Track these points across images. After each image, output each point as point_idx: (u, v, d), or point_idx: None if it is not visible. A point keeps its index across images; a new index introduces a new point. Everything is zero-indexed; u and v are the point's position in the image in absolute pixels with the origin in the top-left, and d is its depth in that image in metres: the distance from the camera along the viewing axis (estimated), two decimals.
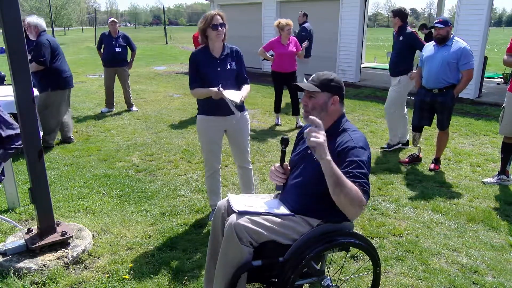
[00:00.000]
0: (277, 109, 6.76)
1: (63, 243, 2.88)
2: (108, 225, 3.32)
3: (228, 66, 3.13)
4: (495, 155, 5.10)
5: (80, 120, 6.84)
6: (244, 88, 3.19)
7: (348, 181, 1.80)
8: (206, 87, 3.02)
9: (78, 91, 9.49)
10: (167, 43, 29.35)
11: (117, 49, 7.22)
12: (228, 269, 1.94)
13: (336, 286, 2.09)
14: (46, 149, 5.16)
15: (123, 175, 4.43)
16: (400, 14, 5.00)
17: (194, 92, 3.12)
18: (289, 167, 2.27)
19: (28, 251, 2.78)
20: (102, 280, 2.61)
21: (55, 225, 2.92)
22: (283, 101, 8.14)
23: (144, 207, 3.68)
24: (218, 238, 2.14)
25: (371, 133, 6.16)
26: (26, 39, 2.81)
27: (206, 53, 3.11)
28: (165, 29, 33.11)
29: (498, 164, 4.58)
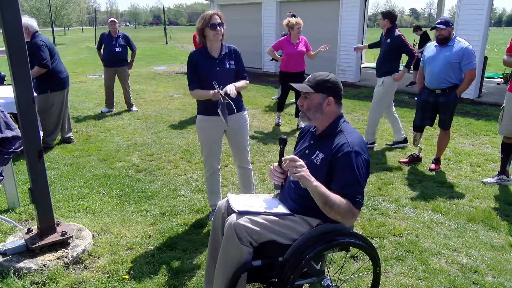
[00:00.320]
0: (280, 108, 6.71)
1: (63, 243, 2.88)
2: (108, 225, 3.32)
3: (227, 66, 3.11)
4: (495, 155, 5.10)
5: (80, 120, 6.84)
6: (239, 82, 3.13)
7: (337, 199, 1.86)
8: (206, 88, 3.01)
9: (78, 91, 9.50)
10: (167, 43, 29.37)
11: (117, 49, 7.21)
12: (228, 269, 1.94)
13: (336, 286, 2.09)
14: (46, 149, 5.15)
15: (123, 175, 4.43)
16: (390, 16, 5.04)
17: (194, 93, 3.12)
18: None
19: (28, 251, 2.78)
20: (102, 280, 2.61)
21: (55, 225, 2.92)
22: (288, 102, 8.15)
23: (144, 207, 3.68)
24: (218, 238, 2.14)
25: None
26: None
27: (205, 53, 3.10)
28: (165, 29, 33.14)
29: (498, 164, 4.58)
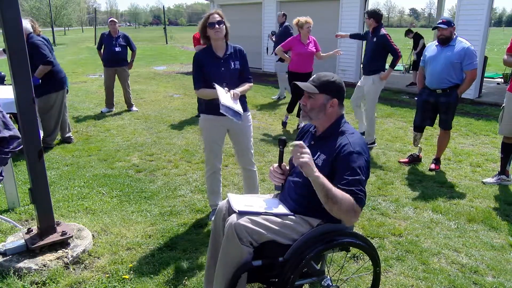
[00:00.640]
0: (290, 110, 6.43)
1: (63, 243, 2.88)
2: (108, 225, 3.32)
3: (232, 66, 3.12)
4: (495, 155, 5.10)
5: (80, 120, 6.84)
6: (242, 85, 3.16)
7: (339, 193, 1.82)
8: (211, 87, 3.02)
9: (78, 91, 9.50)
10: (167, 43, 29.37)
11: (117, 49, 7.21)
12: (228, 269, 1.94)
13: (336, 286, 2.09)
14: (46, 149, 5.15)
15: (123, 175, 4.43)
16: (375, 16, 5.14)
17: (199, 92, 3.14)
18: (289, 167, 2.27)
19: (28, 251, 2.78)
20: (102, 280, 2.61)
21: (55, 225, 2.92)
22: (285, 101, 8.13)
23: (144, 207, 3.68)
24: (219, 238, 2.13)
25: None
26: None
27: (210, 53, 3.11)
28: (165, 29, 33.15)
29: (498, 164, 4.58)
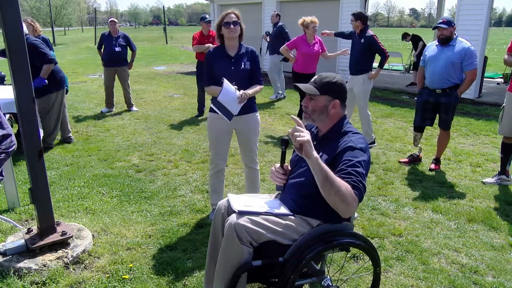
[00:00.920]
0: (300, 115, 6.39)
1: (63, 243, 2.88)
2: (108, 225, 3.32)
3: (242, 66, 3.14)
4: (495, 155, 5.11)
5: (80, 120, 6.84)
6: (252, 87, 3.18)
7: (337, 178, 1.78)
8: (220, 85, 3.07)
9: (78, 91, 9.50)
10: (167, 43, 29.36)
11: (117, 49, 7.21)
12: (228, 269, 1.94)
13: (336, 286, 2.09)
14: (46, 149, 5.15)
15: (123, 175, 4.43)
16: (362, 18, 5.27)
17: (208, 89, 3.20)
18: (290, 167, 2.27)
19: (28, 251, 2.78)
20: (102, 280, 2.61)
21: (55, 225, 2.92)
22: (287, 102, 8.13)
23: (144, 207, 3.68)
24: (218, 238, 2.13)
25: None
26: None
27: (222, 52, 3.16)
28: (165, 29, 33.15)
29: (498, 164, 4.58)
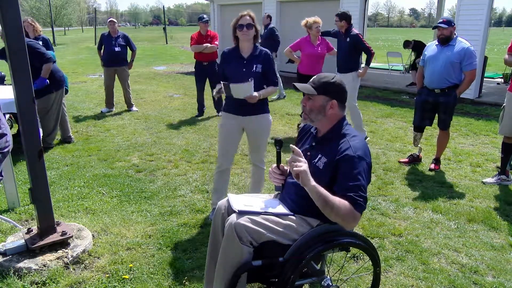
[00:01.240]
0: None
1: (63, 243, 2.88)
2: (108, 225, 3.32)
3: (254, 68, 3.14)
4: (495, 155, 5.10)
5: (80, 120, 6.84)
6: (265, 89, 3.18)
7: (336, 200, 1.83)
8: None
9: (78, 91, 9.49)
10: (167, 43, 29.36)
11: (117, 49, 7.21)
12: (228, 269, 1.94)
13: (336, 286, 2.09)
14: (46, 149, 5.15)
15: (123, 175, 4.43)
16: (346, 18, 5.45)
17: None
18: (288, 168, 2.27)
19: (28, 251, 2.78)
20: (102, 280, 2.61)
21: (55, 225, 2.92)
22: (287, 102, 8.13)
23: (144, 207, 3.68)
24: (218, 238, 2.14)
25: (371, 133, 6.16)
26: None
27: (235, 53, 3.18)
28: (165, 29, 33.14)
29: (498, 164, 4.58)
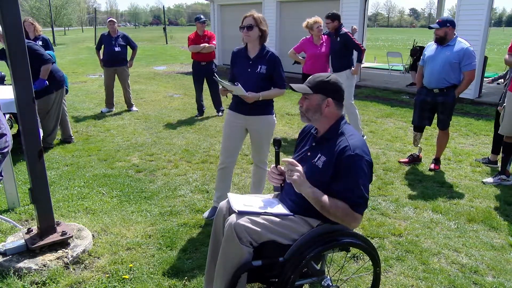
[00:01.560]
0: None
1: (63, 243, 2.88)
2: (108, 225, 3.32)
3: (258, 69, 3.14)
4: (497, 158, 5.09)
5: (80, 120, 6.84)
6: (269, 90, 3.17)
7: (333, 204, 1.89)
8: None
9: (78, 91, 9.50)
10: (167, 43, 29.36)
11: (117, 49, 7.21)
12: (228, 269, 1.95)
13: (336, 286, 2.09)
14: (46, 149, 5.15)
15: (123, 175, 4.43)
16: (338, 17, 5.58)
17: None
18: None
19: (28, 251, 2.78)
20: (102, 280, 2.61)
21: (55, 225, 2.92)
22: (286, 101, 8.12)
23: (144, 207, 3.68)
24: (219, 238, 2.13)
25: (371, 133, 6.16)
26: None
27: (243, 53, 3.22)
28: (165, 29, 33.12)
29: (498, 164, 4.58)
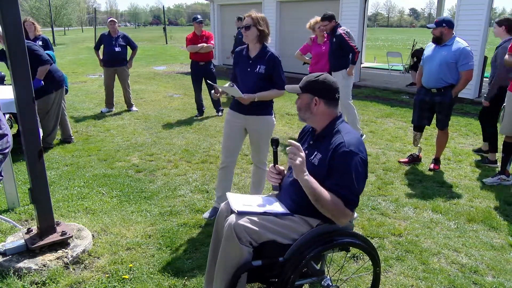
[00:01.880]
0: None
1: (63, 243, 2.88)
2: (108, 225, 3.32)
3: (257, 69, 3.15)
4: (496, 157, 5.09)
5: (80, 120, 6.83)
6: (266, 91, 3.16)
7: (327, 196, 1.88)
8: (237, 83, 3.23)
9: (78, 91, 9.49)
10: (167, 43, 29.36)
11: (117, 49, 7.20)
12: (228, 269, 1.95)
13: (336, 286, 2.09)
14: (46, 149, 5.15)
15: (123, 175, 4.43)
16: (333, 17, 5.59)
17: None
18: (287, 167, 2.28)
19: (28, 251, 2.78)
20: (102, 280, 2.61)
21: (55, 225, 2.92)
22: (287, 101, 8.11)
23: (144, 207, 3.68)
24: (220, 239, 2.13)
25: (371, 133, 6.16)
26: None
27: (244, 53, 3.24)
28: (165, 29, 33.11)
29: (498, 164, 4.58)
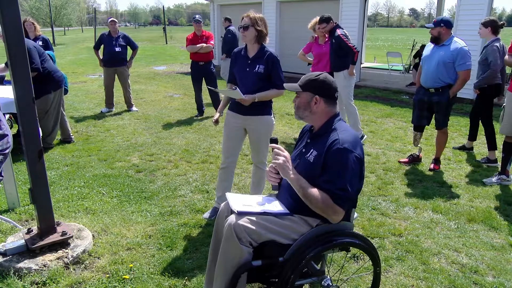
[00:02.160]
0: None
1: (63, 243, 2.88)
2: (108, 225, 3.32)
3: (255, 69, 3.15)
4: (495, 155, 5.10)
5: (80, 120, 6.84)
6: (266, 91, 3.15)
7: (315, 193, 1.91)
8: (237, 83, 3.26)
9: (78, 91, 9.49)
10: (167, 43, 29.36)
11: (117, 49, 7.21)
12: (228, 269, 1.95)
13: (336, 286, 2.09)
14: (46, 149, 5.15)
15: (123, 175, 4.43)
16: (330, 19, 5.60)
17: (228, 86, 3.40)
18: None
19: (28, 251, 2.78)
20: (102, 280, 2.61)
21: (55, 225, 2.92)
22: (286, 101, 8.12)
23: (144, 207, 3.68)
24: (221, 239, 2.13)
25: (371, 133, 6.16)
26: None
27: (243, 52, 3.24)
28: (165, 29, 33.12)
29: (499, 163, 4.58)
